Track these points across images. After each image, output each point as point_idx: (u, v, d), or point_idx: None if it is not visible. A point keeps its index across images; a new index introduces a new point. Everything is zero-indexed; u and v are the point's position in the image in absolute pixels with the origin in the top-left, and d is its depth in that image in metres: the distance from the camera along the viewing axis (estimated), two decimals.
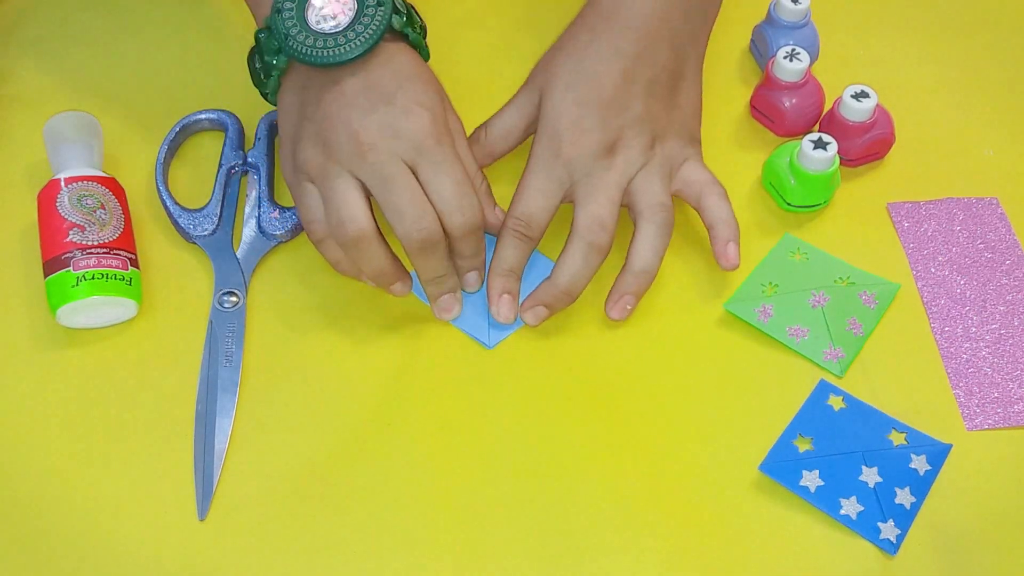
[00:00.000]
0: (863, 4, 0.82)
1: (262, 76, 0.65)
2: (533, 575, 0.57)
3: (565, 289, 0.63)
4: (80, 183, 0.65)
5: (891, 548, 0.57)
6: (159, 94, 0.75)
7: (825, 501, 0.58)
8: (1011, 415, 0.62)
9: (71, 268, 0.62)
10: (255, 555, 0.57)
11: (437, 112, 0.62)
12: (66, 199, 0.64)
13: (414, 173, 0.60)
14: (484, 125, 0.69)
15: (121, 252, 0.64)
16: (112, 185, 0.66)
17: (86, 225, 0.64)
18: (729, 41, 0.72)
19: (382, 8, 0.62)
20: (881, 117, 0.71)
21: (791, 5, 0.74)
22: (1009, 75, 0.78)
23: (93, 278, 0.62)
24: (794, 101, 0.72)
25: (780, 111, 0.72)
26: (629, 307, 0.64)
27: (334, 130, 0.60)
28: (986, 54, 0.79)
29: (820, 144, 0.67)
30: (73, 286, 0.62)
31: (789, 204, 0.69)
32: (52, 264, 0.63)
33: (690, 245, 0.68)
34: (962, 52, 0.79)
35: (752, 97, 0.74)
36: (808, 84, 0.72)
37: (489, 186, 0.66)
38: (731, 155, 0.72)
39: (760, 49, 0.77)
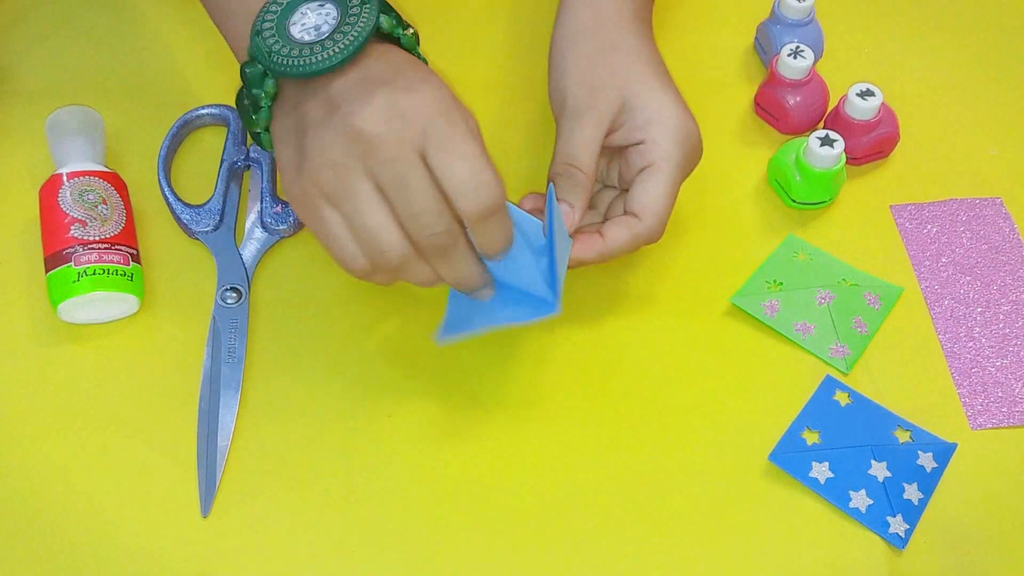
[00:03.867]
0: (868, 2, 0.82)
1: (252, 112, 0.58)
2: (545, 563, 0.57)
3: None
4: (82, 178, 0.65)
5: (899, 543, 0.57)
6: (161, 89, 0.74)
7: (834, 493, 0.58)
8: (1015, 414, 0.62)
9: (72, 263, 0.62)
10: (259, 552, 0.57)
11: (444, 87, 0.55)
12: (68, 194, 0.64)
13: (425, 159, 0.54)
14: (562, 159, 0.62)
15: (123, 247, 0.63)
16: (114, 180, 0.66)
17: (88, 220, 0.63)
18: (733, 39, 0.72)
19: (367, 6, 0.56)
20: (886, 115, 0.71)
21: (795, 3, 0.74)
22: (1014, 74, 0.78)
23: (94, 273, 0.62)
24: (798, 99, 0.72)
25: (784, 109, 0.72)
26: None
27: (334, 129, 0.54)
28: (991, 53, 0.79)
29: (827, 141, 0.67)
30: (74, 281, 0.61)
31: (794, 201, 0.69)
32: (53, 259, 0.62)
33: (696, 239, 0.68)
34: (967, 51, 0.79)
35: (756, 95, 0.74)
36: (812, 82, 0.72)
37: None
38: (735, 152, 0.72)
39: (764, 47, 0.77)
